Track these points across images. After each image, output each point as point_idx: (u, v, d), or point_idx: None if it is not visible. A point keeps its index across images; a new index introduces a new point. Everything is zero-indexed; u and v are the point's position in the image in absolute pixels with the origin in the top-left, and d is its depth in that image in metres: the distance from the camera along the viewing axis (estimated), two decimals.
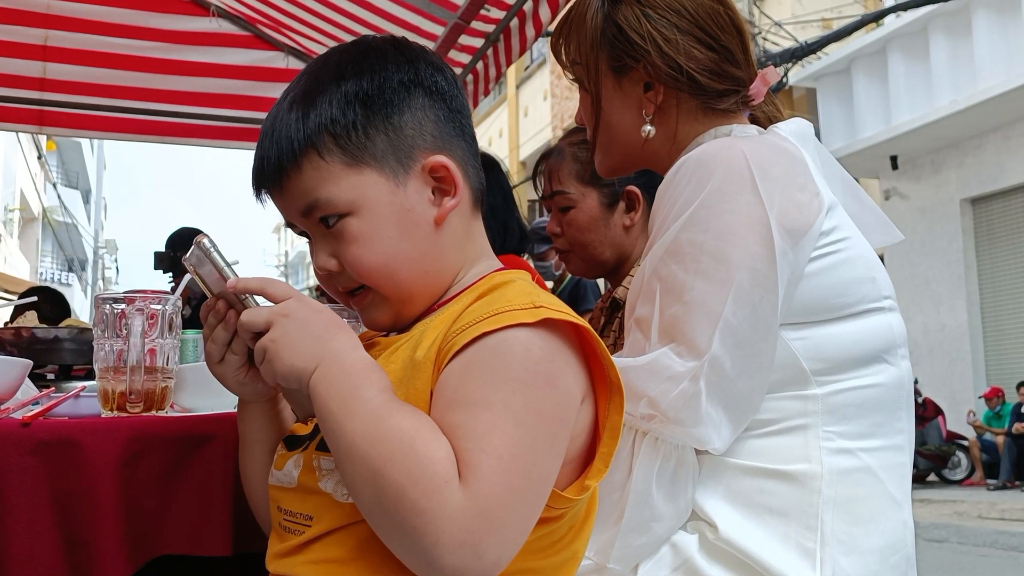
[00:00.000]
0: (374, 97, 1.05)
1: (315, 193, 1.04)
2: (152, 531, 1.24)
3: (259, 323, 0.99)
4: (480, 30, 3.34)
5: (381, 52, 1.09)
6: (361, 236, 1.04)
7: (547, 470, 0.92)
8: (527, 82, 21.02)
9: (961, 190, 13.18)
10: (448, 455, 0.87)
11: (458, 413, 0.91)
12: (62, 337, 1.87)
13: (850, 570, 1.22)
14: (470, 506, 0.85)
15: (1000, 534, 7.88)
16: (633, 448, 1.22)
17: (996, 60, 11.54)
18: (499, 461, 0.87)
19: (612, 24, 1.42)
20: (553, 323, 0.95)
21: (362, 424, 0.90)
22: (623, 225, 1.98)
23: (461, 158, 1.10)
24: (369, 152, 1.04)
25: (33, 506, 1.17)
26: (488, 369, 0.92)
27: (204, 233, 1.09)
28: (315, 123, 1.04)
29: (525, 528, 0.90)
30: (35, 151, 26.07)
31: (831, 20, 13.77)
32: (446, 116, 1.09)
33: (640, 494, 1.21)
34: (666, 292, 1.23)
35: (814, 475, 1.24)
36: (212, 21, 3.88)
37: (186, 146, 4.45)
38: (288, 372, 0.97)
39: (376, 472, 0.87)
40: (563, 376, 0.95)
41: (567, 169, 2.01)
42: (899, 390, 1.32)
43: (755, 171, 1.24)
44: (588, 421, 1.01)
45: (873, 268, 1.33)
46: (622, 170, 1.55)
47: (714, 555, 1.23)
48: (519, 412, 0.90)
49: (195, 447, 1.28)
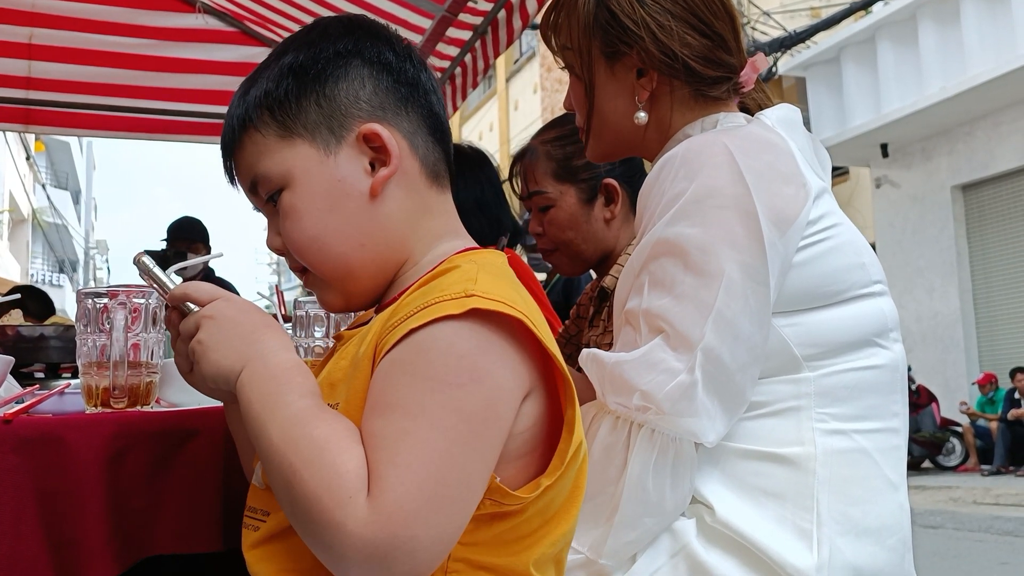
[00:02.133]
0: (307, 67, 1.04)
1: (255, 168, 1.05)
2: (140, 528, 1.23)
3: (190, 328, 0.99)
4: (467, 22, 3.32)
5: (324, 27, 1.09)
6: (292, 210, 1.03)
7: (469, 473, 0.88)
8: (517, 75, 21.00)
9: (952, 177, 13.20)
10: (358, 467, 0.85)
11: (377, 419, 0.88)
12: (47, 335, 1.85)
13: (847, 551, 1.22)
14: (374, 520, 0.82)
15: (995, 519, 7.92)
16: (629, 441, 1.20)
17: (985, 47, 11.55)
18: (407, 471, 0.84)
19: (605, 10, 1.41)
20: (484, 314, 0.90)
21: (280, 429, 0.89)
22: (604, 218, 1.96)
23: (408, 130, 1.06)
24: (301, 123, 1.03)
25: (17, 505, 1.15)
26: (410, 368, 0.89)
27: (142, 251, 1.09)
28: (252, 97, 1.04)
29: (442, 539, 0.86)
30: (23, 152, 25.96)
31: (819, 9, 13.79)
32: (389, 87, 1.06)
33: (635, 488, 1.20)
34: (655, 285, 1.23)
35: (808, 456, 1.24)
36: (198, 17, 3.85)
37: (174, 143, 4.44)
38: (215, 373, 0.96)
39: (289, 481, 0.86)
40: (491, 371, 0.90)
41: (542, 168, 1.98)
42: (893, 373, 1.32)
43: (740, 165, 1.23)
44: (536, 415, 0.96)
45: (862, 254, 1.33)
46: (613, 155, 1.54)
47: (712, 539, 1.23)
48: (435, 414, 0.86)
49: (182, 442, 1.27)
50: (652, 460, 1.20)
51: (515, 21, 3.15)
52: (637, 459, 1.20)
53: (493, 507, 0.93)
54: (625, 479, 1.20)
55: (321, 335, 1.45)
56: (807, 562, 1.19)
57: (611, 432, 1.22)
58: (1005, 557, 6.43)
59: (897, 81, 12.79)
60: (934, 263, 13.40)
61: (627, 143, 1.48)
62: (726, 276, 1.19)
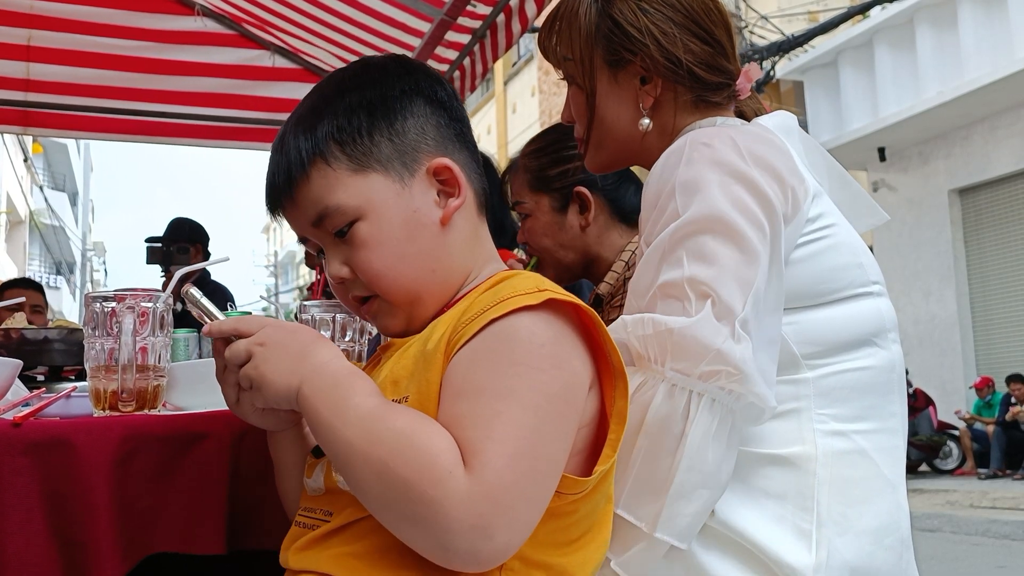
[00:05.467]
0: (377, 104, 1.10)
1: (325, 201, 1.08)
2: (146, 530, 1.24)
3: (240, 355, 1.02)
4: (466, 26, 3.33)
5: (382, 66, 1.15)
6: (371, 239, 1.07)
7: (554, 450, 0.94)
8: (515, 79, 21.01)
9: (949, 181, 13.23)
10: (450, 446, 0.90)
11: (464, 402, 0.94)
12: (51, 338, 1.86)
13: (845, 551, 1.22)
14: (476, 491, 0.87)
15: (992, 522, 7.93)
16: (688, 410, 1.16)
17: (982, 51, 11.58)
18: (503, 446, 0.89)
19: (608, 19, 1.42)
20: (558, 305, 0.98)
21: (357, 429, 0.93)
22: (579, 226, 1.97)
23: (464, 163, 1.13)
24: (374, 157, 1.08)
25: (26, 507, 1.16)
26: (494, 355, 0.95)
27: (190, 283, 1.13)
28: (321, 133, 1.08)
29: (534, 510, 0.92)
30: (21, 154, 25.94)
31: (817, 13, 13.81)
32: (447, 123, 1.13)
33: (694, 458, 1.16)
34: (696, 257, 1.20)
35: (809, 457, 1.24)
36: (197, 20, 3.85)
37: (172, 146, 4.43)
38: (276, 395, 1.00)
39: (379, 472, 0.90)
40: (568, 358, 0.97)
41: (520, 179, 2.04)
42: (890, 373, 1.33)
43: (747, 156, 1.24)
44: (595, 410, 1.03)
45: (860, 254, 1.34)
46: (614, 165, 1.54)
47: (709, 540, 1.23)
48: (524, 395, 0.92)
49: (188, 445, 1.28)
50: (713, 430, 1.16)
51: (514, 25, 3.16)
52: (698, 428, 1.16)
53: (553, 500, 0.96)
54: (684, 448, 1.16)
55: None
56: (805, 562, 1.20)
57: (667, 400, 1.17)
58: (1002, 560, 6.45)
59: (894, 85, 12.82)
60: (931, 267, 13.42)
61: (629, 151, 1.49)
62: (760, 255, 1.19)
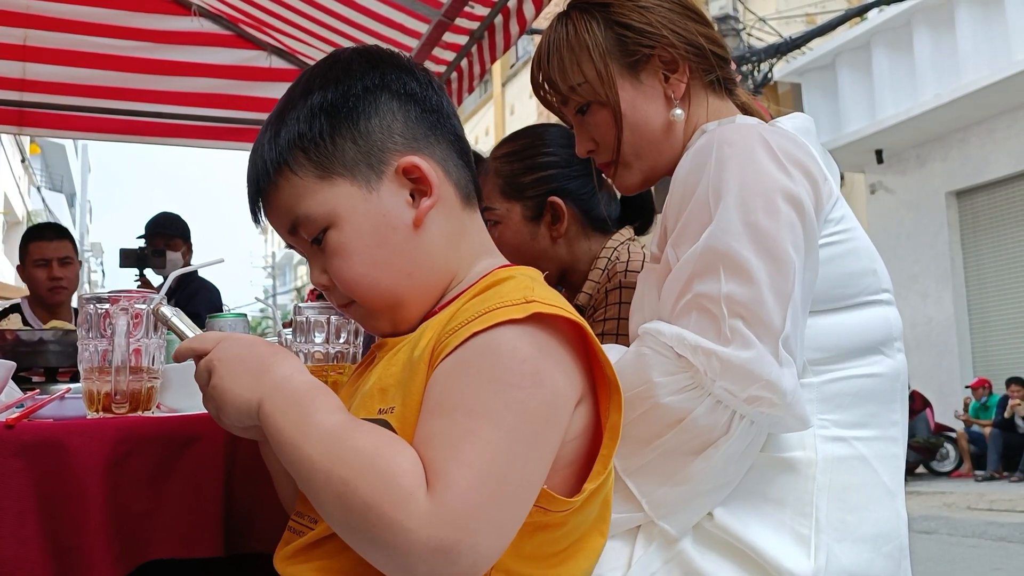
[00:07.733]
0: (338, 106, 1.05)
1: (295, 210, 1.05)
2: (141, 533, 1.23)
3: (203, 374, 1.00)
4: (464, 27, 3.32)
5: (346, 62, 1.09)
6: (341, 247, 1.04)
7: (528, 472, 0.90)
8: (513, 80, 21.02)
9: (946, 183, 13.23)
10: (413, 467, 0.87)
11: (437, 420, 0.90)
12: (46, 339, 1.85)
13: (843, 557, 1.22)
14: (438, 513, 0.83)
15: (989, 524, 7.92)
16: (730, 427, 1.18)
17: (979, 53, 11.59)
18: (469, 468, 0.86)
19: (614, 25, 1.43)
20: (545, 318, 0.93)
21: (319, 448, 0.90)
22: (551, 237, 1.91)
23: (440, 157, 1.08)
24: (339, 161, 1.04)
25: (18, 510, 1.15)
26: (473, 371, 0.91)
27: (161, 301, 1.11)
28: (285, 140, 1.05)
29: (502, 533, 0.88)
30: (18, 155, 25.90)
31: (815, 15, 13.80)
32: (419, 117, 1.08)
33: (715, 469, 1.19)
34: (732, 271, 1.19)
35: (809, 462, 1.24)
36: (194, 20, 3.84)
37: (169, 146, 4.42)
38: (238, 411, 0.97)
39: (340, 493, 0.87)
40: (551, 374, 0.93)
41: (491, 184, 1.95)
42: (894, 382, 1.33)
43: (780, 155, 1.24)
44: (586, 423, 0.99)
45: (875, 261, 1.35)
46: (650, 178, 1.50)
47: (707, 545, 1.23)
48: (499, 414, 0.89)
49: (183, 447, 1.27)
50: (743, 449, 1.19)
51: (512, 26, 3.15)
52: (731, 446, 1.18)
53: (538, 515, 0.94)
54: (711, 460, 1.19)
55: (321, 340, 1.45)
56: (804, 568, 1.19)
57: (710, 412, 1.17)
58: (999, 563, 6.44)
59: (892, 87, 12.83)
60: (928, 269, 13.43)
61: (662, 155, 1.46)
62: (795, 264, 1.19)
